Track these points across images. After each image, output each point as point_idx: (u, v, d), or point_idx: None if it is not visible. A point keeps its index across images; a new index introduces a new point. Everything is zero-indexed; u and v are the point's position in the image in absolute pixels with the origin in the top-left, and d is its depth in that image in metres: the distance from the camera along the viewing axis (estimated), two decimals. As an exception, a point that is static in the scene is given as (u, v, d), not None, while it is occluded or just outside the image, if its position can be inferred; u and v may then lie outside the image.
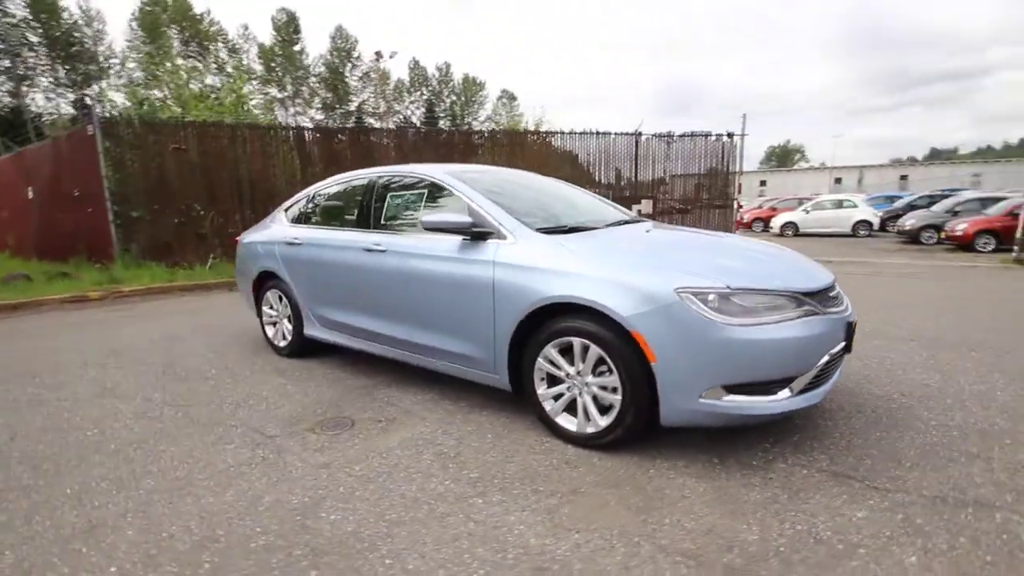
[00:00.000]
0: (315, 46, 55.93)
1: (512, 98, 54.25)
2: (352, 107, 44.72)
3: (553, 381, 2.68)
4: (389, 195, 3.52)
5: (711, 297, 2.24)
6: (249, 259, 4.44)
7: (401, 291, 3.20)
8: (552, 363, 2.62)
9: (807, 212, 18.94)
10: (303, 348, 4.13)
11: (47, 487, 2.33)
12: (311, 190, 4.19)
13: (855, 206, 18.31)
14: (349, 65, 45.54)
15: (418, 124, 36.16)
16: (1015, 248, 10.02)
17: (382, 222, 3.48)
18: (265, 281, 4.31)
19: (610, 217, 3.49)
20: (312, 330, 3.96)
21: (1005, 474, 2.23)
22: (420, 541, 1.90)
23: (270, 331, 4.37)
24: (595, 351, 2.45)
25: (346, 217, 3.76)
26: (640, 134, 11.81)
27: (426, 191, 3.30)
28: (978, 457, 2.39)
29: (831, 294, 2.57)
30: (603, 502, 2.13)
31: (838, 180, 46.25)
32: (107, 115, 9.16)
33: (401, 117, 45.00)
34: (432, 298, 3.04)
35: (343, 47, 45.75)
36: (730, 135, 11.96)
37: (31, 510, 2.15)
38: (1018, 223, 11.17)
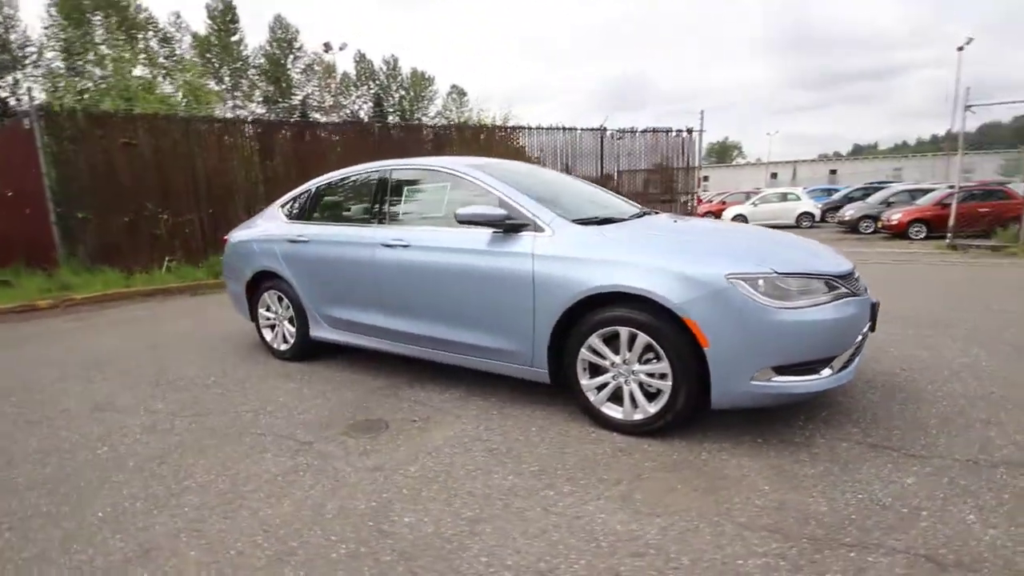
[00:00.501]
0: (254, 36, 53.33)
1: (462, 94, 53.80)
2: (296, 101, 43.01)
3: (595, 371, 2.71)
4: (406, 189, 3.43)
5: (760, 282, 2.32)
6: (242, 259, 4.20)
7: (427, 287, 3.13)
8: (596, 353, 2.65)
9: (755, 205, 19.91)
10: (307, 351, 3.97)
11: (74, 513, 2.13)
12: (311, 185, 4.02)
13: (798, 199, 19.43)
14: (291, 57, 43.72)
15: (366, 119, 35.20)
16: (948, 235, 10.93)
17: (400, 217, 3.39)
18: (262, 282, 4.10)
19: (628, 209, 3.54)
20: (319, 331, 3.80)
21: (1021, 436, 2.45)
22: (509, 536, 1.88)
23: (268, 334, 4.16)
24: (643, 339, 2.49)
25: (356, 212, 3.64)
26: (605, 129, 12.03)
27: (448, 184, 3.24)
28: (990, 422, 2.61)
29: (855, 277, 2.73)
30: (670, 486, 2.18)
31: (774, 175, 48.91)
32: (48, 107, 8.35)
33: (348, 112, 43.67)
34: (463, 293, 3.00)
35: (283, 38, 43.85)
36: (689, 131, 12.40)
37: (66, 539, 1.96)
38: (945, 212, 12.24)
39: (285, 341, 4.06)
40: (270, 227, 4.09)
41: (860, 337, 2.54)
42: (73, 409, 3.24)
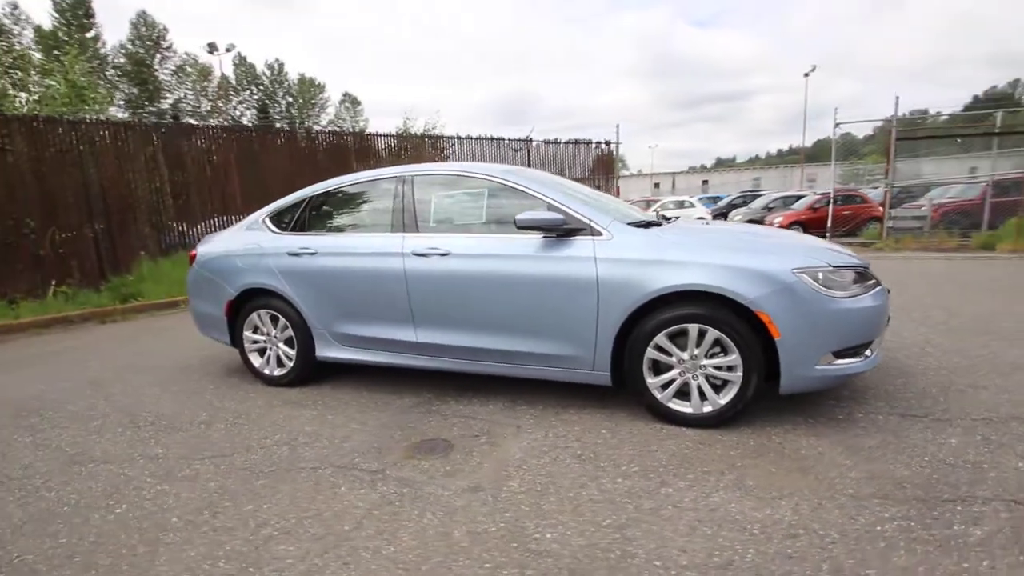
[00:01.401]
0: (114, 33, 46.95)
1: (355, 102, 52.09)
2: (165, 105, 38.70)
3: (657, 369, 2.78)
4: (435, 196, 3.27)
5: (820, 275, 2.55)
6: (221, 276, 3.72)
7: (473, 296, 3.01)
8: (661, 351, 2.72)
9: (656, 212, 21.58)
10: (307, 375, 3.61)
11: (139, 584, 1.75)
12: (307, 193, 3.67)
13: (693, 206, 21.33)
14: (159, 57, 39.28)
15: (250, 124, 32.66)
16: (827, 234, 12.66)
17: (432, 224, 3.22)
18: (247, 301, 3.66)
19: (649, 214, 3.68)
20: (328, 351, 3.48)
21: (1007, 395, 2.93)
22: (664, 537, 1.86)
23: (256, 360, 3.72)
24: (713, 334, 2.61)
25: (374, 221, 3.39)
26: (531, 140, 12.33)
27: (486, 190, 3.15)
28: (976, 386, 3.08)
29: (870, 269, 3.10)
30: (768, 470, 2.30)
31: (657, 185, 53.29)
32: None
33: (230, 118, 40.19)
34: (516, 300, 2.92)
35: (148, 35, 39.32)
36: (608, 143, 13.13)
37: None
38: (816, 215, 14.22)
39: (280, 365, 3.65)
40: (257, 239, 3.66)
41: (887, 321, 2.88)
42: (38, 465, 2.65)
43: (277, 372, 3.66)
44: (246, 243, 3.68)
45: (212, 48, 25.58)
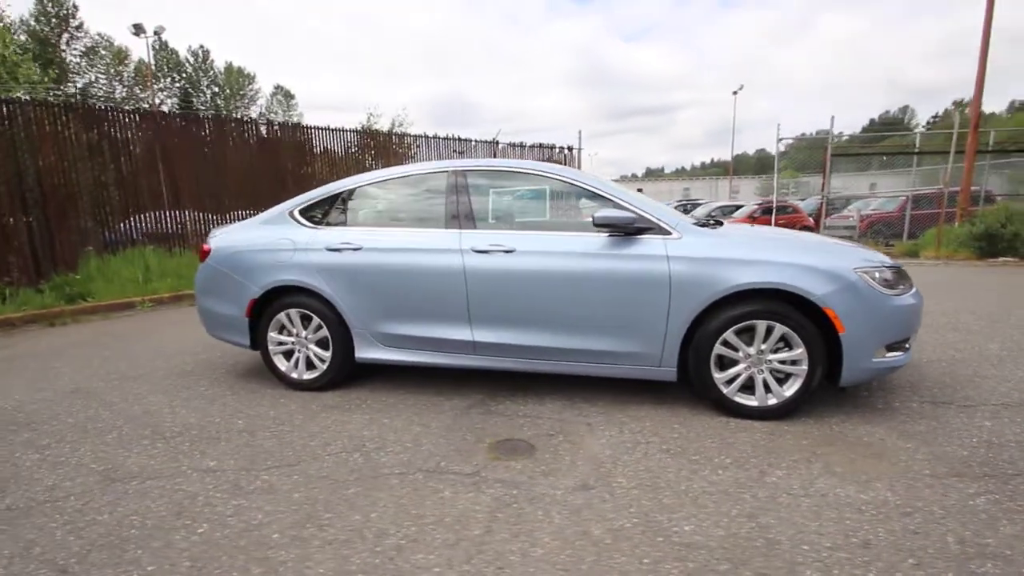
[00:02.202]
0: (18, 8, 41.63)
1: (289, 95, 49.78)
2: (75, 89, 35.04)
3: (721, 364, 2.88)
4: (492, 192, 3.21)
5: (876, 274, 2.76)
6: (242, 273, 3.43)
7: (538, 293, 2.97)
8: (728, 346, 2.83)
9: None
10: (341, 378, 3.41)
11: (275, 606, 1.59)
12: (343, 186, 3.47)
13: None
14: (67, 37, 35.52)
15: (170, 112, 30.39)
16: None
17: (490, 221, 3.15)
18: (273, 300, 3.41)
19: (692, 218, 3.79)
20: (369, 352, 3.31)
21: (1008, 383, 3.29)
22: (796, 523, 1.93)
23: (282, 363, 3.46)
24: (780, 329, 2.75)
25: (424, 216, 3.26)
26: (497, 142, 12.35)
27: (547, 188, 3.13)
28: (982, 376, 3.43)
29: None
30: (847, 457, 2.44)
31: (595, 191, 54.88)
32: None
33: (148, 105, 37.05)
34: (584, 297, 2.92)
35: (55, 13, 35.49)
36: (570, 148, 13.40)
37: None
38: (755, 224, 15.29)
39: (310, 368, 3.43)
40: (287, 234, 3.42)
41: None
42: (67, 485, 2.33)
43: (307, 376, 3.43)
44: (274, 237, 3.43)
45: (138, 30, 23.43)
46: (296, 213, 3.51)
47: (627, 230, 2.87)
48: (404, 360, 3.28)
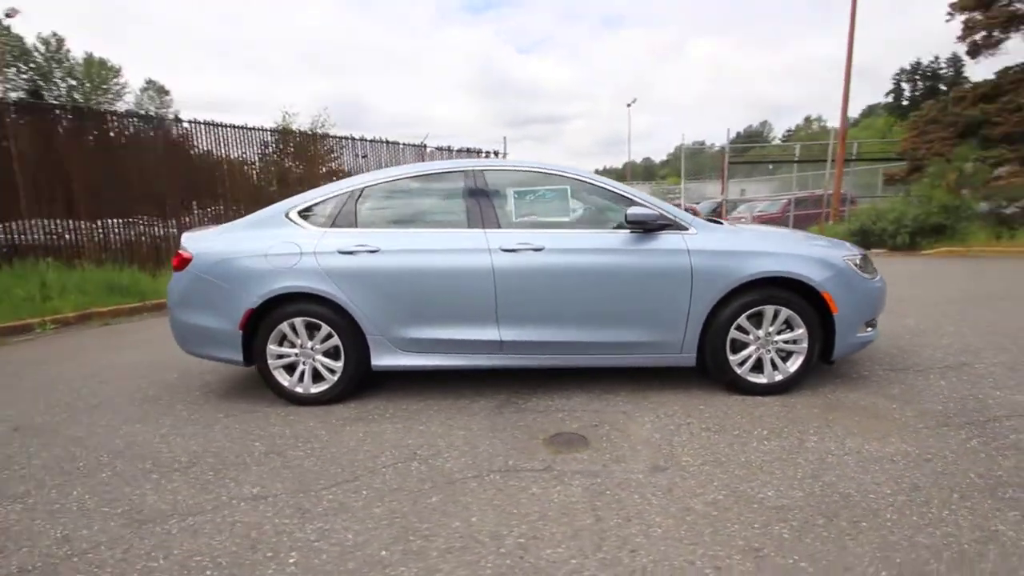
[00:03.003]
0: None
1: (163, 91, 44.94)
2: None
3: (733, 348, 3.15)
4: (514, 192, 3.21)
5: (858, 260, 3.18)
6: (234, 282, 3.11)
7: (568, 289, 3.04)
8: (741, 330, 3.10)
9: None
10: (352, 388, 3.23)
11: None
12: (350, 185, 3.27)
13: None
14: None
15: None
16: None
17: (515, 220, 3.16)
18: (273, 309, 3.13)
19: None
20: (386, 359, 3.16)
21: (936, 349, 3.93)
22: (854, 479, 2.19)
23: (285, 377, 3.19)
24: (785, 312, 3.07)
25: (444, 216, 3.19)
26: (426, 146, 12.17)
27: (568, 187, 3.20)
28: (917, 345, 4.06)
29: None
30: (855, 420, 2.78)
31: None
32: None
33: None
34: (611, 292, 3.04)
35: None
36: (496, 153, 13.55)
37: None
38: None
39: (317, 380, 3.20)
40: (290, 236, 3.15)
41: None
42: (84, 533, 1.99)
43: (315, 389, 3.19)
44: (273, 241, 3.15)
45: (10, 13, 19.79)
46: (295, 215, 3.25)
47: (651, 226, 3.04)
48: (425, 365, 3.18)
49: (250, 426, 2.95)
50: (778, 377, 3.14)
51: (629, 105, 35.96)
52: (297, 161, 10.63)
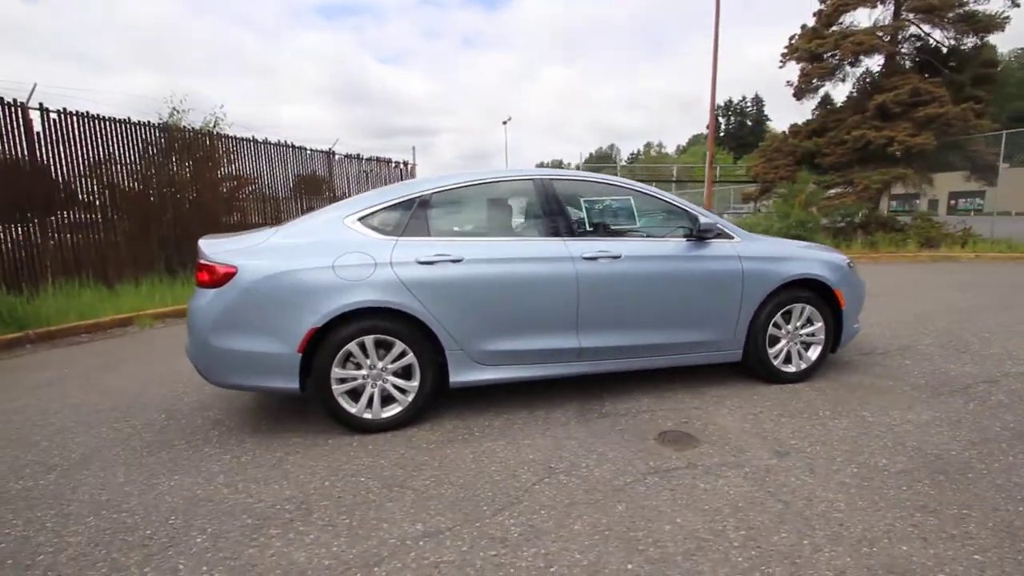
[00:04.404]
0: None
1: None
2: None
3: (770, 342, 3.55)
4: (583, 201, 3.26)
5: (851, 264, 3.79)
6: (296, 298, 2.71)
7: (643, 295, 3.17)
8: (775, 327, 3.52)
9: None
10: (422, 409, 3.00)
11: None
12: (411, 191, 3.03)
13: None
14: None
15: None
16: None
17: (588, 229, 3.20)
18: (339, 327, 2.79)
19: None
20: (465, 374, 2.99)
21: (888, 335, 4.80)
22: (931, 441, 2.63)
23: (350, 404, 2.85)
24: (808, 310, 3.55)
25: (519, 224, 3.13)
26: (334, 153, 11.41)
27: (631, 198, 3.34)
28: (870, 333, 4.90)
29: None
30: (877, 397, 3.32)
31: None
32: None
33: None
34: (680, 296, 3.25)
35: None
36: (406, 163, 13.15)
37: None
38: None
39: (387, 403, 2.91)
40: (358, 245, 2.83)
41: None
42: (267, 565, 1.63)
43: (385, 413, 2.89)
44: (341, 250, 2.80)
45: None
46: (353, 222, 2.93)
47: (710, 235, 3.32)
48: (505, 378, 3.07)
49: (331, 461, 2.58)
50: (803, 366, 3.61)
51: (505, 123, 37.38)
52: (187, 164, 9.27)
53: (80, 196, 7.64)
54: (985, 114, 12.41)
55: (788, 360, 3.58)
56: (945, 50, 13.60)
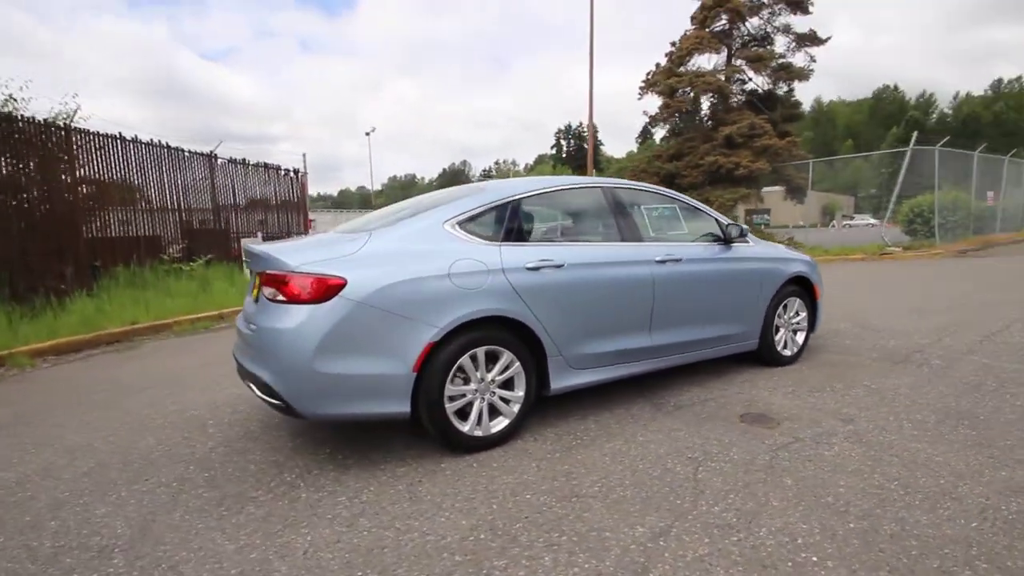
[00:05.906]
0: None
1: None
2: None
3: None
4: (643, 208, 3.45)
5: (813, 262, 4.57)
6: (411, 310, 2.45)
7: (699, 295, 3.47)
8: (779, 317, 4.09)
9: None
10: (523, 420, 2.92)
11: None
12: (501, 196, 2.91)
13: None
14: None
15: None
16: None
17: (652, 234, 3.39)
18: (453, 339, 2.58)
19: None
20: (563, 380, 2.97)
21: (837, 317, 5.76)
22: (958, 404, 3.31)
23: (460, 423, 2.65)
24: (798, 302, 4.20)
25: (601, 230, 3.21)
26: (216, 157, 10.02)
27: (676, 206, 3.62)
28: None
29: None
30: (869, 370, 4.04)
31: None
32: None
33: None
34: (724, 294, 3.63)
35: None
36: (296, 171, 12.01)
37: None
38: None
39: (493, 416, 2.76)
40: (465, 251, 2.64)
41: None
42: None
43: (494, 428, 2.74)
44: (452, 257, 2.59)
45: None
46: (454, 226, 2.74)
47: (737, 239, 3.76)
48: (595, 380, 3.10)
49: (472, 484, 2.38)
50: (795, 350, 4.24)
51: (368, 134, 36.13)
52: (28, 160, 7.41)
53: None
54: (798, 145, 15.56)
55: (785, 346, 4.18)
56: (762, 92, 16.77)
